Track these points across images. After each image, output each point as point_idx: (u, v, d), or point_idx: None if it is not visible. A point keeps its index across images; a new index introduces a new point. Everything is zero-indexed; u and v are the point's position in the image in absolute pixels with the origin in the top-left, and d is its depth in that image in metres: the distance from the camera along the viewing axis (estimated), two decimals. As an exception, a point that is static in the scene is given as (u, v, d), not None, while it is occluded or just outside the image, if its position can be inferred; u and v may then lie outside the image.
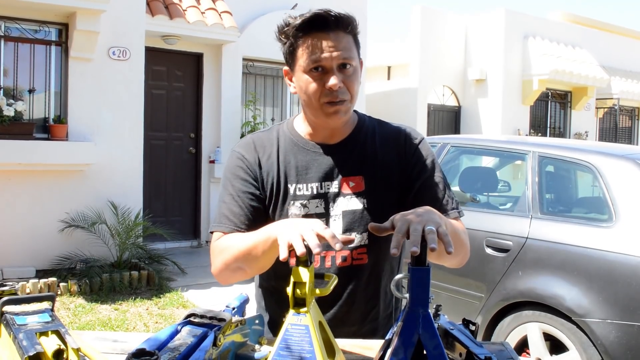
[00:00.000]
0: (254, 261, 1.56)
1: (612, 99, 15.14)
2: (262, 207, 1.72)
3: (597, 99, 15.05)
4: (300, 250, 1.25)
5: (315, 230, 1.31)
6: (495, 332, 3.87)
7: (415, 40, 12.87)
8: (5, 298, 1.37)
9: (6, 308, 1.36)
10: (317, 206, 1.71)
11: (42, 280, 6.00)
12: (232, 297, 1.49)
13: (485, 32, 13.23)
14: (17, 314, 1.34)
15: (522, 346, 3.75)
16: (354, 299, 1.73)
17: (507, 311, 3.82)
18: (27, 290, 5.79)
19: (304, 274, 1.26)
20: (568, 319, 3.47)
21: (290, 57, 1.67)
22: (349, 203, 1.71)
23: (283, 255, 1.28)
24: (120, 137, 7.09)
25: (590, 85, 14.01)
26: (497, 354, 1.51)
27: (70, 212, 6.69)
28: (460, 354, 1.40)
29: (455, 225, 1.64)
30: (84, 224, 6.66)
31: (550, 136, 14.07)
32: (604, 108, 15.47)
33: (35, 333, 1.25)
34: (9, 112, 6.22)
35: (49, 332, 1.27)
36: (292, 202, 1.71)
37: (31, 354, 1.17)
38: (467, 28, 13.58)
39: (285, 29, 1.63)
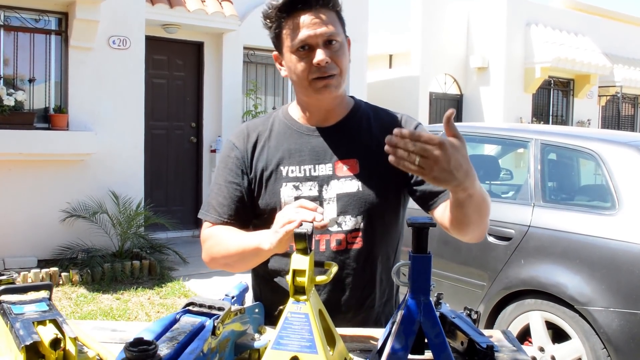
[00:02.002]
0: (240, 263, 1.64)
1: (614, 86, 15.09)
2: (247, 198, 1.74)
3: (599, 87, 15.00)
4: (308, 216, 1.33)
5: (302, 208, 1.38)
6: (498, 320, 3.86)
7: (417, 28, 12.83)
8: (2, 287, 1.36)
9: (3, 297, 1.36)
10: (310, 189, 1.70)
11: (44, 270, 6.00)
12: (231, 286, 1.48)
13: (487, 19, 13.18)
14: (14, 303, 1.33)
15: (525, 335, 3.75)
16: (350, 284, 1.71)
17: (509, 300, 3.81)
18: (29, 280, 5.79)
19: (304, 261, 1.25)
20: (570, 307, 3.46)
21: (277, 41, 1.69)
22: (343, 186, 1.70)
23: (293, 225, 1.35)
24: (121, 127, 7.07)
25: (593, 73, 13.97)
26: (499, 343, 1.50)
27: (72, 201, 6.69)
28: (462, 343, 1.39)
29: (484, 194, 1.56)
30: (85, 213, 6.66)
31: (552, 124, 14.03)
32: (607, 96, 15.42)
33: (33, 322, 1.24)
34: (9, 101, 6.20)
35: (47, 321, 1.26)
36: (284, 183, 1.71)
37: (28, 343, 1.16)
38: (469, 15, 13.52)
39: (269, 11, 1.65)
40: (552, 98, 14.43)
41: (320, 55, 1.60)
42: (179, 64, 8.70)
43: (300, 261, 1.25)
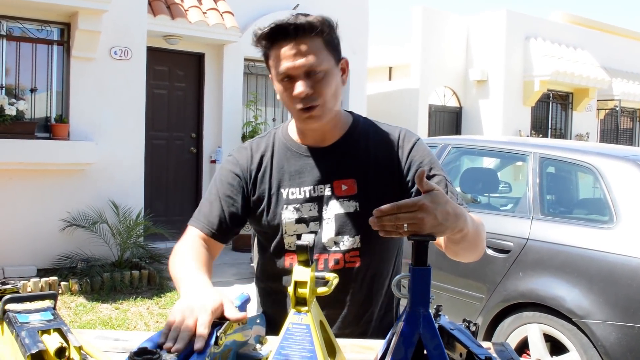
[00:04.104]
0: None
1: (613, 100, 15.14)
2: (241, 214, 1.76)
3: (598, 100, 15.05)
4: (176, 347, 1.18)
5: (206, 321, 1.23)
6: (496, 333, 3.87)
7: (417, 41, 12.88)
8: (7, 296, 1.38)
9: (8, 306, 1.37)
10: (310, 209, 1.73)
11: (43, 279, 6.01)
12: (233, 297, 1.50)
13: (487, 33, 13.24)
14: (19, 312, 1.35)
15: (523, 347, 3.75)
16: (347, 301, 1.74)
17: (507, 312, 3.82)
18: (29, 289, 5.80)
19: (305, 273, 1.26)
20: (569, 320, 3.47)
21: (267, 66, 1.73)
22: (341, 206, 1.72)
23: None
24: (121, 137, 7.09)
25: (592, 86, 14.02)
26: (497, 354, 1.51)
27: (72, 211, 6.70)
28: (461, 354, 1.40)
29: (477, 221, 1.59)
30: (85, 223, 6.67)
31: (551, 137, 14.07)
32: (605, 109, 15.47)
33: (38, 331, 1.26)
34: (10, 111, 6.23)
35: (51, 330, 1.28)
36: (285, 206, 1.73)
37: (33, 351, 1.17)
38: (468, 29, 13.59)
39: (255, 40, 1.67)
40: (551, 111, 14.48)
41: (299, 87, 1.61)
42: (180, 75, 8.74)
43: (301, 273, 1.27)
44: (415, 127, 12.22)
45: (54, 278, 6.09)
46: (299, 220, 1.72)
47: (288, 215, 1.73)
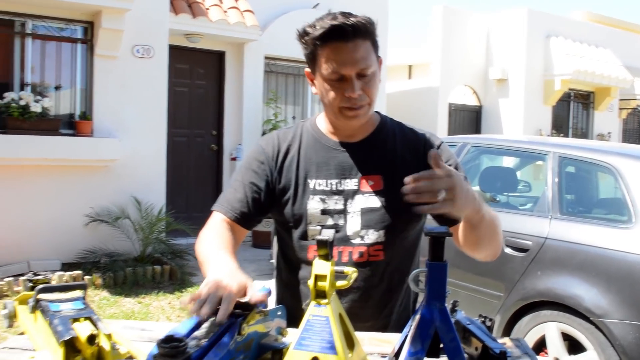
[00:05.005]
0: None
1: (635, 99, 15.01)
2: (264, 202, 1.79)
3: (620, 100, 14.92)
4: (204, 311, 1.23)
5: (232, 296, 1.28)
6: (514, 331, 3.89)
7: (437, 39, 12.85)
8: (40, 286, 1.44)
9: (41, 296, 1.43)
10: (336, 202, 1.76)
11: (68, 273, 6.10)
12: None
13: (507, 31, 13.17)
14: (51, 302, 1.41)
15: (540, 346, 3.76)
16: (369, 294, 1.77)
17: (525, 311, 3.84)
18: (53, 283, 5.88)
19: (325, 267, 1.30)
20: (586, 319, 3.48)
21: (312, 63, 1.73)
22: (367, 201, 1.75)
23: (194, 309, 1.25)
24: (144, 134, 7.19)
25: (614, 85, 13.90)
26: (513, 349, 1.55)
27: (95, 207, 6.81)
28: (476, 348, 1.43)
29: (493, 214, 1.65)
30: (108, 218, 6.77)
31: (572, 137, 13.97)
32: (628, 109, 15.33)
33: (69, 319, 1.31)
34: (36, 108, 6.34)
35: (82, 319, 1.33)
36: (311, 196, 1.77)
37: (66, 338, 1.23)
38: (489, 27, 13.53)
39: (305, 37, 1.67)
40: (572, 110, 14.38)
41: (356, 89, 1.64)
42: (201, 73, 8.83)
43: (322, 266, 1.30)
44: (435, 125, 12.20)
45: (78, 272, 6.20)
46: (324, 212, 1.76)
47: (314, 205, 1.76)
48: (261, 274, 6.96)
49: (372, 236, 1.74)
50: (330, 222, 1.75)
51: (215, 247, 1.62)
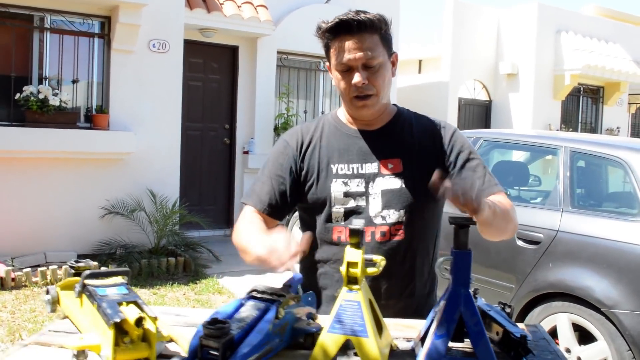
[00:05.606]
0: (243, 256, 1.72)
1: (645, 94, 15.02)
2: (290, 192, 1.91)
3: (629, 95, 14.92)
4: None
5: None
6: (525, 322, 3.96)
7: (447, 34, 12.87)
8: (87, 272, 1.53)
9: (87, 281, 1.52)
10: (357, 185, 1.88)
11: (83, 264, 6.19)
12: (275, 283, 1.62)
13: (518, 26, 13.18)
14: (97, 287, 1.49)
15: (552, 336, 3.82)
16: (391, 273, 1.84)
17: (536, 302, 3.92)
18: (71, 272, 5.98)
19: (357, 254, 1.38)
20: (597, 310, 3.56)
21: (327, 56, 1.89)
22: (388, 182, 1.87)
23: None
24: (159, 127, 7.29)
25: (623, 80, 13.89)
26: (531, 334, 1.63)
27: (111, 199, 6.91)
28: (497, 333, 1.52)
29: (503, 203, 1.80)
30: (123, 211, 6.87)
31: (581, 131, 13.98)
32: (637, 104, 15.32)
33: (117, 303, 1.40)
34: (54, 101, 6.44)
35: (128, 303, 1.41)
36: (334, 179, 1.89)
37: (116, 320, 1.30)
38: (499, 22, 13.54)
39: (319, 32, 1.84)
40: (582, 105, 14.39)
41: (357, 77, 1.79)
42: (214, 67, 8.90)
43: (353, 254, 1.39)
44: (445, 120, 12.13)
45: (94, 263, 6.22)
46: (346, 194, 1.88)
47: (337, 187, 1.88)
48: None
49: (393, 216, 1.85)
50: (352, 203, 1.87)
51: (254, 232, 1.74)
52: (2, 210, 6.50)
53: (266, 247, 1.47)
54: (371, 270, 1.45)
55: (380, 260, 1.51)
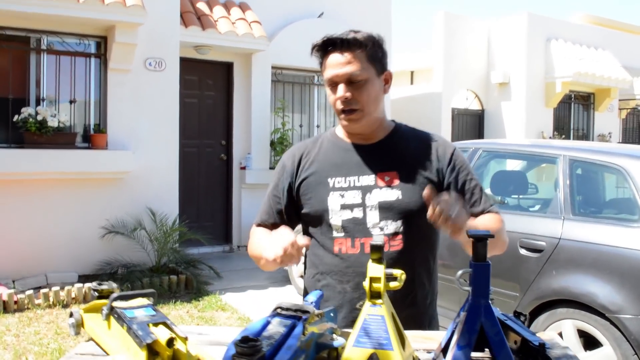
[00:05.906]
0: (259, 263, 1.88)
1: (634, 99, 15.13)
2: (285, 211, 2.05)
3: (620, 100, 15.04)
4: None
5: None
6: (530, 329, 3.99)
7: (439, 45, 12.96)
8: (115, 294, 1.56)
9: (115, 303, 1.55)
10: (354, 197, 1.94)
11: (87, 285, 6.20)
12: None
13: (508, 35, 13.29)
14: (125, 309, 1.52)
15: (557, 343, 3.87)
16: None
17: (541, 309, 3.95)
18: (73, 295, 6.00)
19: (379, 269, 1.42)
20: (602, 315, 3.60)
21: (321, 72, 2.00)
22: (385, 194, 1.93)
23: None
24: (157, 145, 7.31)
25: (613, 86, 14.01)
26: (549, 342, 1.66)
27: (110, 218, 6.93)
28: (515, 342, 1.55)
29: (492, 223, 1.91)
30: (123, 230, 6.88)
31: (573, 138, 14.08)
32: (627, 109, 15.46)
33: (147, 324, 1.43)
34: (52, 122, 6.46)
35: (157, 324, 1.44)
36: (331, 192, 1.96)
37: (149, 341, 1.34)
38: (489, 32, 13.65)
39: (312, 49, 1.96)
40: (573, 112, 14.49)
41: (340, 91, 1.90)
42: (210, 84, 8.94)
43: (376, 269, 1.42)
44: (439, 130, 12.28)
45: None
46: (343, 206, 1.94)
47: (334, 199, 1.95)
48: (274, 281, 7.07)
49: (391, 227, 1.92)
50: (349, 215, 1.94)
51: (262, 239, 1.89)
52: (2, 232, 6.50)
53: (276, 247, 1.63)
54: (393, 284, 1.48)
55: (400, 274, 1.55)
